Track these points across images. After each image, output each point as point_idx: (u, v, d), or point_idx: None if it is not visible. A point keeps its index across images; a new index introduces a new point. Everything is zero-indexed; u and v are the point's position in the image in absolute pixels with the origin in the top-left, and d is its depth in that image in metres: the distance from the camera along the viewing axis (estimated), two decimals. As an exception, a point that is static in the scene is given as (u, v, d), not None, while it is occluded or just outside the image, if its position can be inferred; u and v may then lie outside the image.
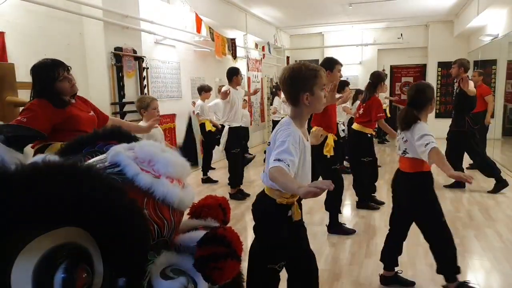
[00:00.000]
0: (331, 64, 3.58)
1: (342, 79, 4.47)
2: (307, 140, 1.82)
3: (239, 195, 4.91)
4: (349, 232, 3.63)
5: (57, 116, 2.28)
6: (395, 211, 2.63)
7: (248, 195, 4.92)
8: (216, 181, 5.77)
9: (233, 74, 4.91)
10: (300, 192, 1.43)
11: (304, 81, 1.73)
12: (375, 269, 2.80)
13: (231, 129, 4.91)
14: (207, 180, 5.78)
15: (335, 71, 3.56)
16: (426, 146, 2.18)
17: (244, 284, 1.17)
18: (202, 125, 5.83)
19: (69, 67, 2.39)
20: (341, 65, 3.67)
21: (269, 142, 1.79)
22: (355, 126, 4.41)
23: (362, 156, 4.32)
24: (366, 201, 4.41)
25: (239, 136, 5.03)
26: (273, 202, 1.78)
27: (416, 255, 3.05)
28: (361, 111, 4.35)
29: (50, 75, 2.29)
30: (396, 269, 2.65)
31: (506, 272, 2.80)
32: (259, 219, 1.89)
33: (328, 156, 3.42)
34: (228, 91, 4.76)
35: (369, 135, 4.34)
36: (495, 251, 3.14)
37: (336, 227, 3.65)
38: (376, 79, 4.37)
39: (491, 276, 2.78)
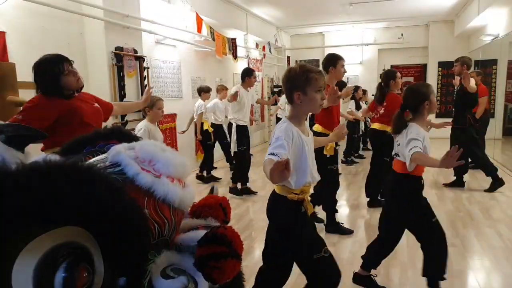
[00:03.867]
0: (334, 60, 3.61)
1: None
2: (308, 136, 1.89)
3: (247, 189, 5.00)
4: (346, 232, 3.64)
5: (62, 107, 2.24)
6: (384, 212, 2.59)
7: (245, 193, 5.01)
8: (219, 179, 5.82)
9: (246, 75, 4.97)
10: (270, 172, 1.45)
11: (296, 81, 1.82)
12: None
13: (238, 127, 4.95)
14: (210, 178, 5.81)
15: (338, 67, 3.58)
16: (409, 151, 2.20)
17: (245, 283, 1.17)
18: (202, 125, 5.84)
19: (72, 61, 2.35)
20: (344, 60, 3.67)
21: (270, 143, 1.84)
22: (376, 125, 4.35)
23: (385, 156, 4.09)
24: (380, 201, 4.33)
25: (246, 134, 5.05)
26: (285, 199, 1.84)
27: (416, 255, 3.05)
28: (382, 111, 4.29)
29: (55, 70, 2.24)
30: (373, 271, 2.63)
31: (507, 272, 2.80)
32: (277, 218, 1.92)
33: (328, 155, 3.43)
34: (237, 94, 4.79)
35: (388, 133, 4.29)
36: (495, 250, 3.14)
37: (333, 226, 3.66)
38: (386, 77, 4.34)
39: (491, 276, 2.78)
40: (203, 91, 5.82)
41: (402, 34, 10.34)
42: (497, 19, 7.36)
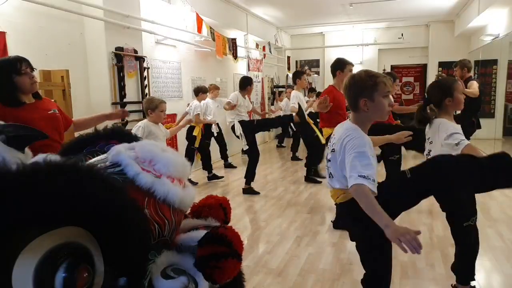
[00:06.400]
0: (343, 64, 3.69)
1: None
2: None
3: (250, 189, 5.08)
4: None
5: (8, 117, 2.03)
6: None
7: (248, 193, 5.05)
8: (221, 177, 5.83)
9: (248, 84, 5.12)
10: (388, 233, 1.42)
11: (362, 87, 1.74)
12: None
13: (240, 122, 5.00)
14: (212, 177, 5.83)
15: (346, 71, 3.65)
16: (457, 145, 2.11)
17: (245, 283, 1.17)
18: (191, 128, 5.68)
19: (35, 69, 2.28)
20: (353, 65, 3.75)
21: (333, 149, 1.76)
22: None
23: (390, 155, 4.07)
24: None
25: (249, 127, 5.06)
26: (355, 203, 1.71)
27: (416, 254, 3.04)
28: None
29: (12, 68, 2.15)
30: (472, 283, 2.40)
31: (507, 272, 2.80)
32: (356, 223, 1.83)
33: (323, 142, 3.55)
34: (234, 104, 4.93)
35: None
36: (495, 251, 3.14)
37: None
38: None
39: (492, 276, 2.78)
40: (201, 91, 5.78)
41: (402, 34, 10.33)
42: (497, 19, 7.36)
